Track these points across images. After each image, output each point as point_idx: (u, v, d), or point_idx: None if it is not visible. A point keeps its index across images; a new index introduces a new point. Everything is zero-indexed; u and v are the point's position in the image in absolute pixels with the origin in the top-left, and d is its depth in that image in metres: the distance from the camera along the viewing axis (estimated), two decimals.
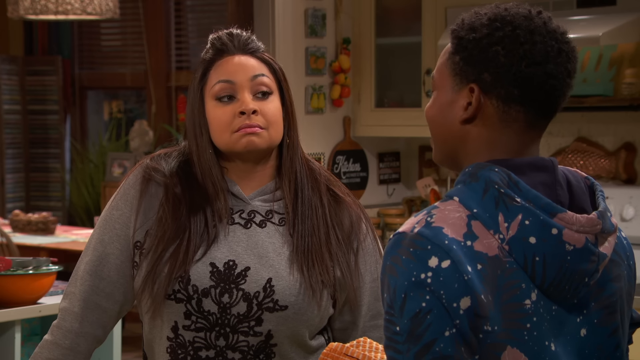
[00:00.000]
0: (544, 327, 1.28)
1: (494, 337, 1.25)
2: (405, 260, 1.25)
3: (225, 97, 1.83)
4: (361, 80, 4.83)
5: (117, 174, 6.61)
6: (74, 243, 5.28)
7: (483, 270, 1.25)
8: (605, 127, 4.42)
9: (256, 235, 1.82)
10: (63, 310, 1.87)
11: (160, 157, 1.88)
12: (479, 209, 1.28)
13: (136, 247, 1.83)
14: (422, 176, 5.01)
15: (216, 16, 6.47)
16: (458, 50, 1.33)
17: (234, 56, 1.85)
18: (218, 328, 1.78)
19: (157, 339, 1.84)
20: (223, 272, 1.78)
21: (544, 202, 1.27)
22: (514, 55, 1.29)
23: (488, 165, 1.30)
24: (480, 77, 1.31)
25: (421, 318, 1.23)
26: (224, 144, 1.83)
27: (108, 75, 7.05)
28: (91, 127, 7.22)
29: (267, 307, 1.78)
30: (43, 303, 2.82)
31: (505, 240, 1.27)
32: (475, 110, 1.33)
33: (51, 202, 6.91)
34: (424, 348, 1.23)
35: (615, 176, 4.38)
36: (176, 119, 6.64)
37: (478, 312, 1.24)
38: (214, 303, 1.77)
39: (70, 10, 5.08)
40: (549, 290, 1.28)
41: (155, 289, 1.78)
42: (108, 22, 6.71)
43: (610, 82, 4.28)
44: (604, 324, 1.34)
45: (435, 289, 1.23)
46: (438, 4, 4.51)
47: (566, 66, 1.31)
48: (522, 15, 1.32)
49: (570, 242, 1.27)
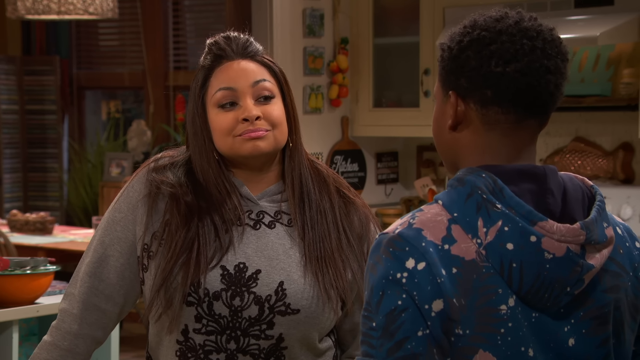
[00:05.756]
0: (520, 333, 1.28)
1: (465, 340, 1.26)
2: (385, 260, 1.27)
3: (227, 104, 1.81)
4: (359, 80, 4.83)
5: (115, 173, 6.61)
6: (72, 243, 5.28)
7: (458, 274, 1.26)
8: (603, 127, 4.42)
9: (265, 237, 1.81)
10: (62, 311, 1.87)
11: (166, 167, 1.85)
12: (459, 213, 1.29)
13: (144, 250, 1.82)
14: (420, 176, 5.02)
15: (214, 16, 6.47)
16: (440, 60, 1.36)
17: (233, 62, 1.83)
18: (229, 331, 1.77)
19: (166, 342, 1.82)
20: (234, 275, 1.77)
21: (526, 210, 1.28)
22: (482, 57, 1.30)
23: (477, 171, 1.31)
24: (458, 83, 1.33)
25: (396, 315, 1.25)
26: (227, 148, 1.81)
27: (106, 75, 7.05)
28: (89, 127, 7.22)
29: (279, 310, 1.77)
30: (41, 303, 2.81)
31: (483, 245, 1.27)
32: (455, 116, 1.34)
33: (49, 202, 6.91)
34: (396, 345, 1.25)
35: (613, 176, 4.38)
36: (174, 118, 6.63)
37: (450, 315, 1.25)
38: (225, 306, 1.76)
39: (73, 10, 5.07)
40: (527, 297, 1.28)
41: (168, 297, 1.76)
42: (106, 22, 6.70)
43: (608, 82, 4.28)
44: (593, 334, 1.33)
45: (409, 289, 1.25)
46: (436, 3, 4.51)
47: (542, 62, 1.30)
48: (493, 18, 1.33)
49: (550, 250, 1.27)
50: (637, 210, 4.12)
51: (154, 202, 1.82)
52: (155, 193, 1.82)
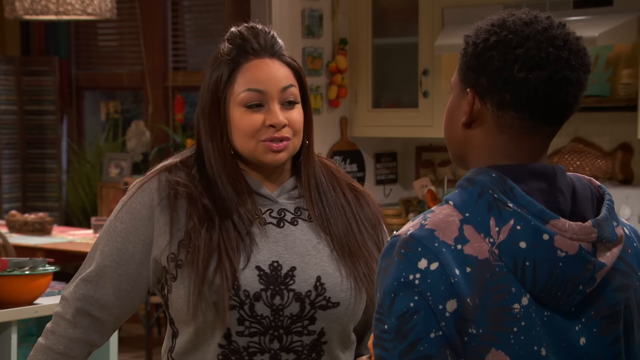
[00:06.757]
0: (534, 332, 1.28)
1: (478, 339, 1.26)
2: (397, 262, 1.27)
3: (253, 105, 1.80)
4: (358, 81, 4.83)
5: (113, 174, 6.61)
6: (71, 244, 5.27)
7: (472, 273, 1.26)
8: (602, 128, 4.42)
9: (291, 234, 1.82)
10: (56, 315, 1.86)
11: (177, 167, 1.83)
12: (471, 214, 1.29)
13: (170, 260, 1.79)
14: (419, 177, 5.01)
15: (213, 17, 6.47)
16: (463, 54, 1.35)
17: (262, 60, 1.80)
18: (272, 331, 1.77)
19: (203, 347, 1.79)
20: (270, 275, 1.78)
21: (538, 209, 1.28)
22: (506, 60, 1.30)
23: (487, 171, 1.31)
24: (478, 82, 1.32)
25: (408, 318, 1.25)
26: (248, 151, 1.80)
27: (105, 76, 7.04)
28: (88, 128, 7.21)
29: (320, 305, 1.78)
30: (39, 304, 2.81)
31: (496, 244, 1.27)
32: (470, 115, 1.34)
33: (48, 202, 6.91)
34: (409, 347, 1.24)
35: (611, 176, 4.38)
36: (173, 119, 6.63)
37: (464, 315, 1.25)
38: (267, 306, 1.76)
39: (71, 10, 5.07)
40: (541, 296, 1.28)
41: (214, 301, 1.74)
42: (105, 22, 6.70)
43: (607, 83, 4.28)
44: (604, 334, 1.33)
45: (422, 290, 1.25)
46: (435, 4, 4.51)
47: (565, 73, 1.30)
48: (523, 21, 1.32)
49: (563, 248, 1.27)
50: (636, 210, 4.12)
51: (173, 211, 1.79)
52: (174, 197, 1.80)
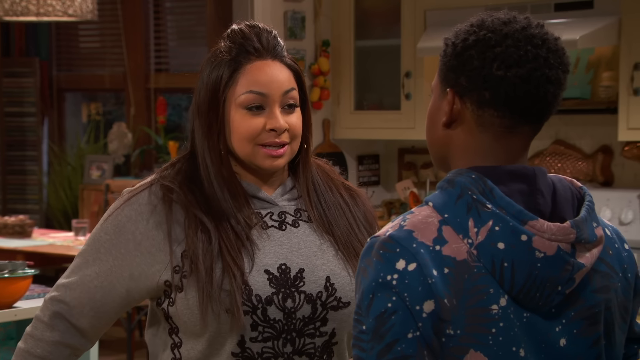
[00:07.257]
0: (512, 333, 1.28)
1: (456, 340, 1.26)
2: (375, 262, 1.28)
3: (254, 107, 1.78)
4: (340, 83, 4.83)
5: (95, 176, 6.58)
6: (51, 246, 5.24)
7: (450, 274, 1.26)
8: (583, 130, 4.44)
9: (295, 236, 1.81)
10: (35, 318, 1.85)
11: (169, 175, 1.80)
12: (450, 214, 1.30)
13: (175, 272, 1.75)
14: (401, 179, 5.02)
15: (195, 18, 6.45)
16: (443, 55, 1.36)
17: (264, 62, 1.78)
18: (284, 334, 1.76)
19: (215, 356, 1.77)
20: (280, 278, 1.76)
21: (516, 210, 1.28)
22: (485, 59, 1.31)
23: (466, 172, 1.31)
24: (458, 82, 1.33)
25: (386, 318, 1.25)
26: (245, 154, 1.78)
27: (86, 77, 7.01)
28: (69, 130, 7.18)
29: (331, 305, 1.78)
30: (19, 307, 2.79)
31: (474, 245, 1.28)
32: (450, 114, 1.34)
33: (28, 205, 6.87)
34: (386, 347, 1.25)
35: (592, 179, 4.39)
36: (155, 121, 6.61)
37: (441, 315, 1.25)
38: (279, 310, 1.75)
39: (52, 11, 5.04)
40: (519, 297, 1.28)
41: (225, 307, 1.71)
42: (86, 23, 6.67)
43: (588, 85, 4.30)
44: (585, 335, 1.34)
45: (400, 290, 1.25)
46: (417, 6, 4.52)
47: (544, 71, 1.30)
48: (501, 21, 1.33)
49: (541, 249, 1.28)
50: (616, 212, 4.14)
51: (170, 223, 1.76)
52: (168, 208, 1.76)
